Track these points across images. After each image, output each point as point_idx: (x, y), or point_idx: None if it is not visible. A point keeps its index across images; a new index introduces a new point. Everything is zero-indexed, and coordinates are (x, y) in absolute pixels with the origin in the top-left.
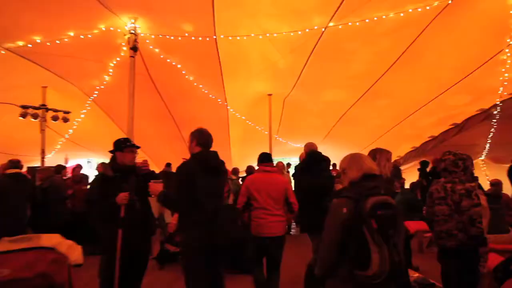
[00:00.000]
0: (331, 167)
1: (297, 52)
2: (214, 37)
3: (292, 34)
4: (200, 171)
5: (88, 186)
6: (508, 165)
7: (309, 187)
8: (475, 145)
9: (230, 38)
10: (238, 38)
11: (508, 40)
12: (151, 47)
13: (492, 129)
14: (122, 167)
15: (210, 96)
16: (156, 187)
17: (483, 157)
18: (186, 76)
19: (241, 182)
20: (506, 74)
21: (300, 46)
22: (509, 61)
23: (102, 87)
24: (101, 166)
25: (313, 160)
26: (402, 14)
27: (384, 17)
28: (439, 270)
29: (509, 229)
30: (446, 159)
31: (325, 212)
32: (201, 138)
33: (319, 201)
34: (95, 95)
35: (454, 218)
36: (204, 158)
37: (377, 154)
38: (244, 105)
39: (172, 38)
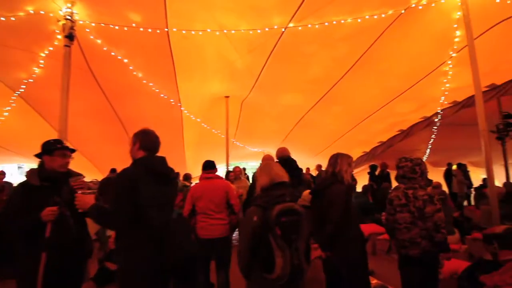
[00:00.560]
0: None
1: (255, 52)
2: (166, 29)
3: (251, 32)
4: (145, 179)
5: None
6: (444, 168)
7: None
8: (417, 150)
9: (184, 32)
10: (193, 32)
11: (451, 53)
12: (92, 37)
13: (433, 136)
14: (52, 175)
15: (162, 95)
16: (85, 199)
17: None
18: (134, 72)
19: None
20: (448, 85)
21: (259, 46)
22: (450, 72)
23: (31, 80)
24: (28, 173)
25: (286, 166)
26: (359, 20)
27: (342, 21)
28: (394, 272)
29: (454, 230)
30: (403, 166)
31: None
32: (146, 140)
33: None
34: (22, 90)
35: (417, 225)
36: (150, 164)
37: (339, 158)
38: (200, 106)
39: (116, 28)
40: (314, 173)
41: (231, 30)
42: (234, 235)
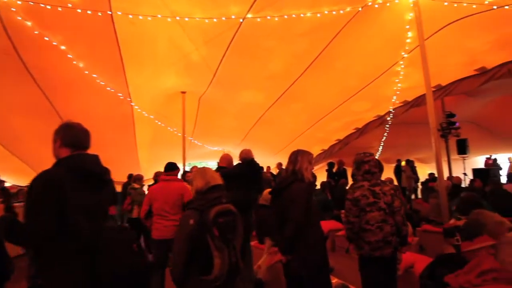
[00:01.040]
0: None
1: (212, 44)
2: (109, 12)
3: (206, 21)
4: (72, 182)
5: None
6: (394, 165)
7: (236, 200)
8: (371, 147)
9: (130, 16)
10: (140, 17)
11: (403, 53)
12: (19, 18)
13: (385, 134)
14: None
15: (108, 89)
16: None
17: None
18: (74, 62)
19: (146, 191)
20: (399, 84)
21: (215, 38)
22: (402, 73)
23: None
24: None
25: (250, 169)
26: (319, 15)
27: (302, 15)
28: (353, 268)
29: (407, 223)
30: (369, 160)
31: (249, 228)
32: (69, 135)
33: (244, 216)
34: None
35: (388, 222)
36: (77, 163)
37: (299, 156)
38: (153, 102)
39: (49, 7)
40: (275, 171)
41: (185, 18)
42: None
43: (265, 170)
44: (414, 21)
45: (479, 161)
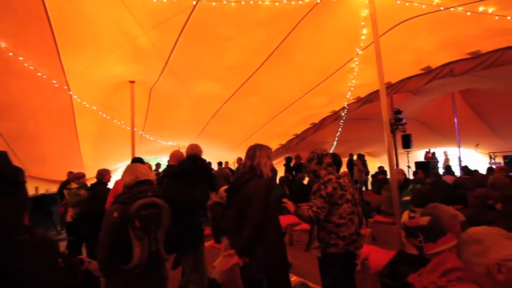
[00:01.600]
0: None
1: (163, 29)
2: None
3: (154, 0)
4: None
5: None
6: (347, 158)
7: (179, 200)
8: (326, 142)
9: None
10: None
11: (358, 50)
12: None
13: (340, 129)
14: None
15: (39, 74)
16: None
17: None
18: None
19: (86, 192)
20: (354, 81)
21: (166, 21)
22: (356, 69)
23: None
24: None
25: (193, 166)
26: (277, 4)
27: (260, 2)
28: (311, 262)
29: None
30: (328, 154)
31: (197, 229)
32: None
33: (189, 217)
34: None
35: (355, 214)
36: None
37: (257, 150)
38: (97, 92)
39: None
40: (233, 166)
41: None
42: None
43: (223, 165)
44: (369, 18)
45: (419, 155)
